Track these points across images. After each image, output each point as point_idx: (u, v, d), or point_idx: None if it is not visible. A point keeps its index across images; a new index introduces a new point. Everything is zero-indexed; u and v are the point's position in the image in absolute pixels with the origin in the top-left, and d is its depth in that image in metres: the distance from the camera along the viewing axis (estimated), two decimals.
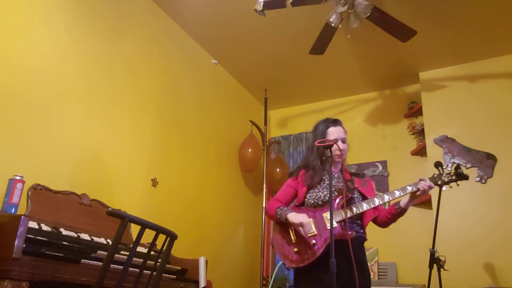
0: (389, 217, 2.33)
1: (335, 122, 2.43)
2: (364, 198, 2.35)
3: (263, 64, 4.34)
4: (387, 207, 2.38)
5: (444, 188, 2.37)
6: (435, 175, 2.31)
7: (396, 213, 2.29)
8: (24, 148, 2.29)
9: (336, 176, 2.40)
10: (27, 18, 2.41)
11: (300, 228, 2.19)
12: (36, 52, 2.44)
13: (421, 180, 2.23)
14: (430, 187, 2.21)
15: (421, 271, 3.37)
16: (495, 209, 3.65)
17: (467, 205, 3.75)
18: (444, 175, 2.28)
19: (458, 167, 2.28)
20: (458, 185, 2.31)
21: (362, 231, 2.33)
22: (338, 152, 2.33)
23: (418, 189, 2.20)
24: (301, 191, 2.37)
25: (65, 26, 2.65)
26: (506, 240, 3.51)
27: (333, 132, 2.38)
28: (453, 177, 2.26)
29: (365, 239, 2.35)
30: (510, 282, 3.37)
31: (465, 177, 2.26)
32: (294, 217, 2.22)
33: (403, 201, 2.27)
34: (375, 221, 2.40)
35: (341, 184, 2.33)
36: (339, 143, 2.34)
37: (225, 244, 4.08)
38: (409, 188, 2.22)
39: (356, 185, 2.38)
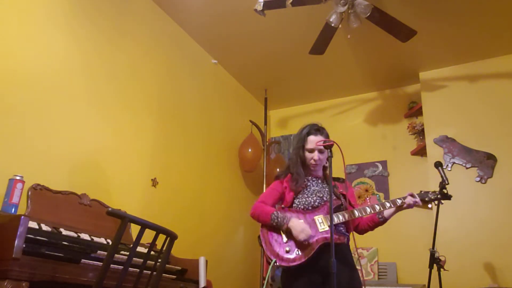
0: (370, 225, 2.37)
1: (317, 131, 2.40)
2: (348, 202, 2.37)
3: (263, 64, 4.34)
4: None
5: (429, 205, 2.51)
6: (422, 192, 2.39)
7: (378, 222, 2.34)
8: (24, 148, 2.29)
9: (319, 182, 2.42)
10: (28, 18, 2.41)
11: (303, 234, 2.18)
12: (36, 52, 2.44)
13: (410, 195, 2.29)
14: (416, 203, 2.27)
15: (421, 271, 3.37)
16: (495, 209, 3.65)
17: (467, 205, 3.75)
18: (430, 193, 2.38)
19: (443, 186, 2.41)
20: (442, 203, 2.46)
21: (347, 234, 2.36)
22: (313, 162, 2.36)
23: (404, 203, 2.26)
24: (288, 196, 2.37)
25: (66, 26, 2.64)
26: (507, 240, 3.51)
27: (312, 142, 2.37)
28: (438, 196, 2.38)
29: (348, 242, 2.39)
30: (510, 282, 3.37)
31: (448, 197, 2.39)
32: (297, 225, 2.19)
33: (388, 212, 2.31)
34: (355, 228, 2.42)
35: (325, 190, 2.36)
36: (315, 153, 2.35)
37: (225, 244, 4.08)
38: (399, 202, 2.28)
39: (341, 190, 2.39)
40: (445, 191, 2.40)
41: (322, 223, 2.24)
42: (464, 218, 3.73)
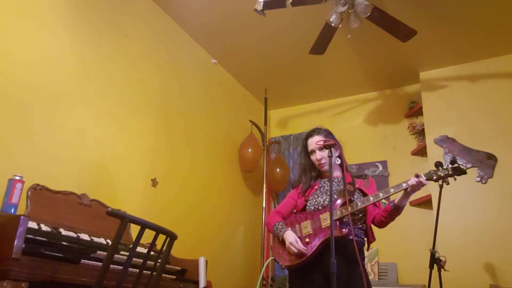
0: (384, 215, 2.31)
1: (313, 132, 2.48)
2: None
3: (263, 64, 4.34)
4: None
5: (440, 182, 2.28)
6: (431, 171, 2.24)
7: (391, 210, 2.27)
8: (24, 148, 2.28)
9: (336, 180, 2.43)
10: (28, 19, 2.40)
11: (292, 246, 2.25)
12: (36, 52, 2.43)
13: (414, 175, 2.20)
14: (421, 183, 2.16)
15: (421, 271, 3.36)
16: (495, 209, 3.64)
17: (468, 205, 3.75)
18: (441, 169, 2.21)
19: (453, 161, 2.18)
20: (455, 179, 2.19)
21: (362, 237, 2.35)
22: (317, 162, 2.43)
23: (408, 186, 2.18)
24: (300, 202, 2.46)
25: (66, 26, 2.64)
26: (507, 240, 3.50)
27: (310, 144, 2.47)
28: (450, 172, 2.17)
29: (363, 244, 2.36)
30: (510, 282, 3.37)
31: (463, 172, 2.16)
32: (289, 237, 2.29)
33: (397, 198, 2.27)
34: (373, 221, 2.41)
35: (341, 187, 2.36)
36: (316, 153, 2.41)
37: (225, 244, 4.07)
38: (403, 185, 2.20)
39: (357, 185, 2.38)
40: (456, 165, 2.14)
41: (325, 220, 2.25)
42: (464, 218, 3.72)
